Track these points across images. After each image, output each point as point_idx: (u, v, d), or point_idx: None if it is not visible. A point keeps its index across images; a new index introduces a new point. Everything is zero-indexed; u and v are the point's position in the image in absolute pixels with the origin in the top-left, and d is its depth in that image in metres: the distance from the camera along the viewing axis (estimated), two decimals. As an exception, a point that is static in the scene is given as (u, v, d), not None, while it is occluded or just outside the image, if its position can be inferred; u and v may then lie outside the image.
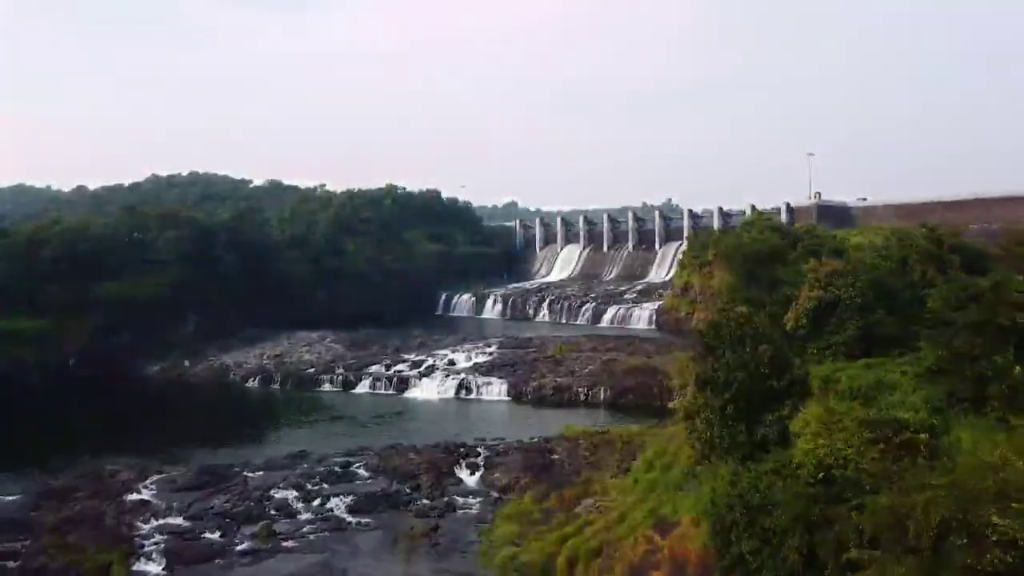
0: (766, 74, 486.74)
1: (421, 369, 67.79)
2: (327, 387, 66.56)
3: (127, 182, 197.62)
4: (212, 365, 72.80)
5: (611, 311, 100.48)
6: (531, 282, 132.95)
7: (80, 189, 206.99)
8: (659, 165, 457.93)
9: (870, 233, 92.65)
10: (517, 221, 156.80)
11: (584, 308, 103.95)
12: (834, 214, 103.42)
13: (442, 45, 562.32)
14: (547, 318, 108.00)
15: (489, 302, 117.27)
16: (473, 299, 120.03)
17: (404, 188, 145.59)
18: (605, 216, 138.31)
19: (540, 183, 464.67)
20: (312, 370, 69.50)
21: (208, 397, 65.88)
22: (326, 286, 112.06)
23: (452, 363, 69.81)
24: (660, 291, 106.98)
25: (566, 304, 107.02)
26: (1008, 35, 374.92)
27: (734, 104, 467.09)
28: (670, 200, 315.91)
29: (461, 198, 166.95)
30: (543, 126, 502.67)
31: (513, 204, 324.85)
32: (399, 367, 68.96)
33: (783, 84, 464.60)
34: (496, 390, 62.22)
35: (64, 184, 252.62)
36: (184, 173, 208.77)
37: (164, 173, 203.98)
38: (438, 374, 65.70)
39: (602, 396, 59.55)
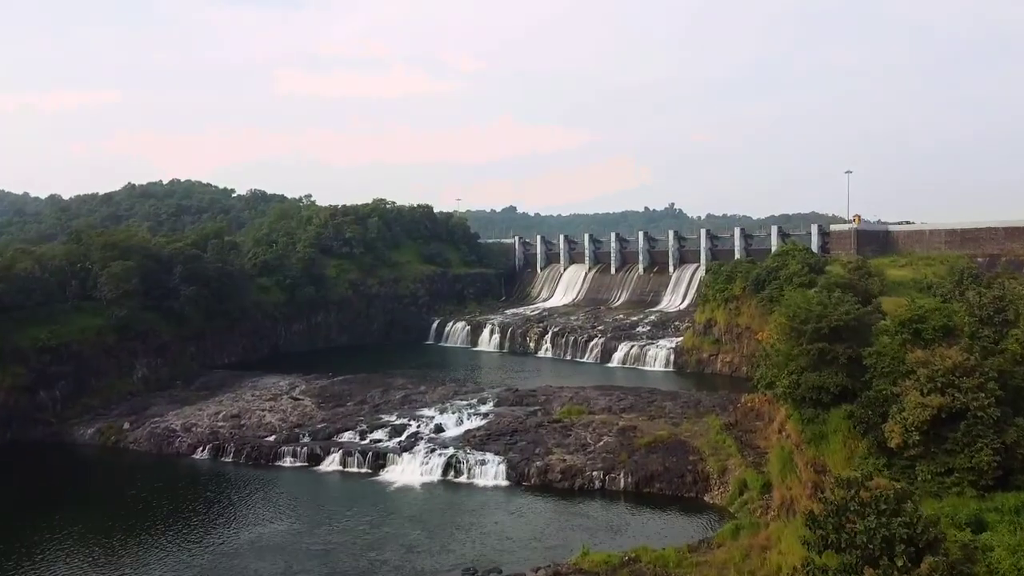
0: (778, 75, 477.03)
1: (402, 439, 56.50)
2: (288, 461, 55.23)
3: (102, 191, 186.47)
4: (156, 429, 61.25)
5: (623, 349, 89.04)
6: (531, 307, 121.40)
7: (53, 198, 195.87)
8: (659, 168, 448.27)
9: (921, 265, 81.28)
10: (516, 238, 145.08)
11: (592, 344, 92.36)
12: (874, 240, 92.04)
13: (438, 47, 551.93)
14: (549, 353, 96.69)
15: (485, 332, 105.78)
16: (468, 328, 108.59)
17: (394, 203, 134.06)
18: (613, 235, 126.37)
19: (540, 186, 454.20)
20: (272, 438, 58.13)
21: (144, 476, 54.25)
22: (303, 317, 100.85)
23: (440, 429, 58.65)
24: (676, 323, 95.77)
25: (571, 338, 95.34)
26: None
27: (735, 106, 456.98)
28: (672, 205, 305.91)
29: (456, 211, 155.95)
30: (542, 127, 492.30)
31: (512, 209, 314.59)
32: (376, 435, 57.68)
33: (798, 86, 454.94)
34: (492, 472, 50.84)
35: (42, 190, 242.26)
36: (165, 181, 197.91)
37: (144, 181, 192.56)
38: (422, 447, 54.30)
39: (622, 483, 48.36)
